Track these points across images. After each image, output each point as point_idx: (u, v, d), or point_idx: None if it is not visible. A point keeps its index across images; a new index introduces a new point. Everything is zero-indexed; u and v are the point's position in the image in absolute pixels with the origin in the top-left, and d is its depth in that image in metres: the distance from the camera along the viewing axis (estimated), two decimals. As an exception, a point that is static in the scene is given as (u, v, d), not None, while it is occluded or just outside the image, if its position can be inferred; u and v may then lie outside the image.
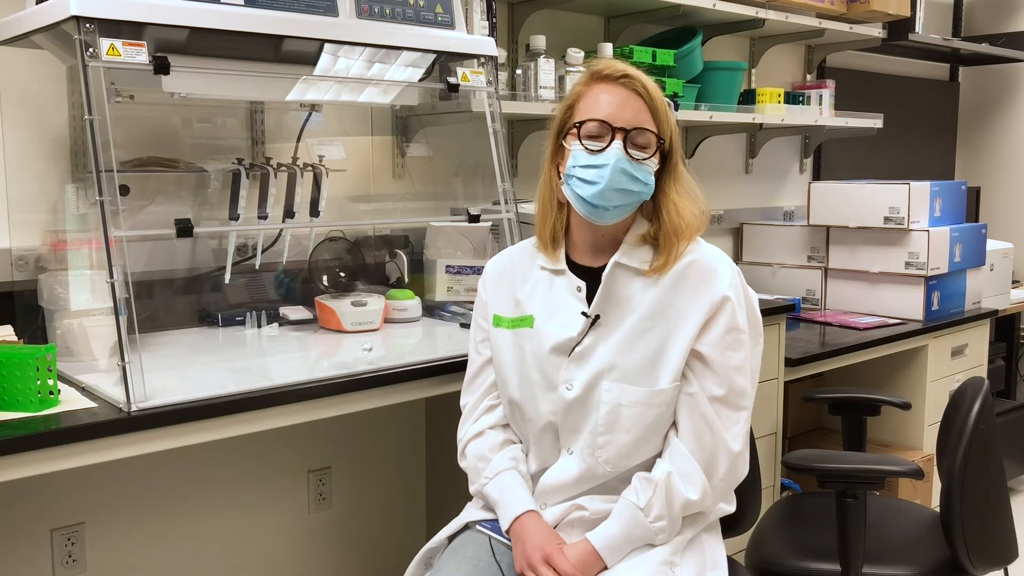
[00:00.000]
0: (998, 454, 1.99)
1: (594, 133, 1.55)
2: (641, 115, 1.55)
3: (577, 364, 1.58)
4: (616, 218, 1.58)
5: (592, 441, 1.55)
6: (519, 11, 2.84)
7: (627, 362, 1.55)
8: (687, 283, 1.57)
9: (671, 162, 1.60)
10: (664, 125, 1.57)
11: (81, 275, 1.90)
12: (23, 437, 1.45)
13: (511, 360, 1.64)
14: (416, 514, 2.73)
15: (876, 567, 1.90)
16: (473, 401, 1.73)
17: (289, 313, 2.25)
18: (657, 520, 1.52)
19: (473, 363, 1.75)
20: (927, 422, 3.00)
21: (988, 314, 3.24)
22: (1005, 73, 4.64)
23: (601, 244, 1.63)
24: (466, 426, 1.72)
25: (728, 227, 3.58)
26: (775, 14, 3.17)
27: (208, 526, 2.35)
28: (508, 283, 1.70)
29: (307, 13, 1.91)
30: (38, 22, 1.73)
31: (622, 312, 1.58)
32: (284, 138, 2.40)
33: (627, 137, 1.54)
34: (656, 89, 1.58)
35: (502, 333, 1.67)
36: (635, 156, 1.54)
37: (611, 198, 1.54)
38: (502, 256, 1.78)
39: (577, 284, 1.62)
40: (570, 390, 1.57)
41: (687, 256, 1.58)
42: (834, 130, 3.67)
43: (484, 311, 1.73)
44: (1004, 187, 4.64)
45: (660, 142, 1.56)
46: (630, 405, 1.54)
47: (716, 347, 1.55)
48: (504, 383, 1.66)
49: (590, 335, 1.58)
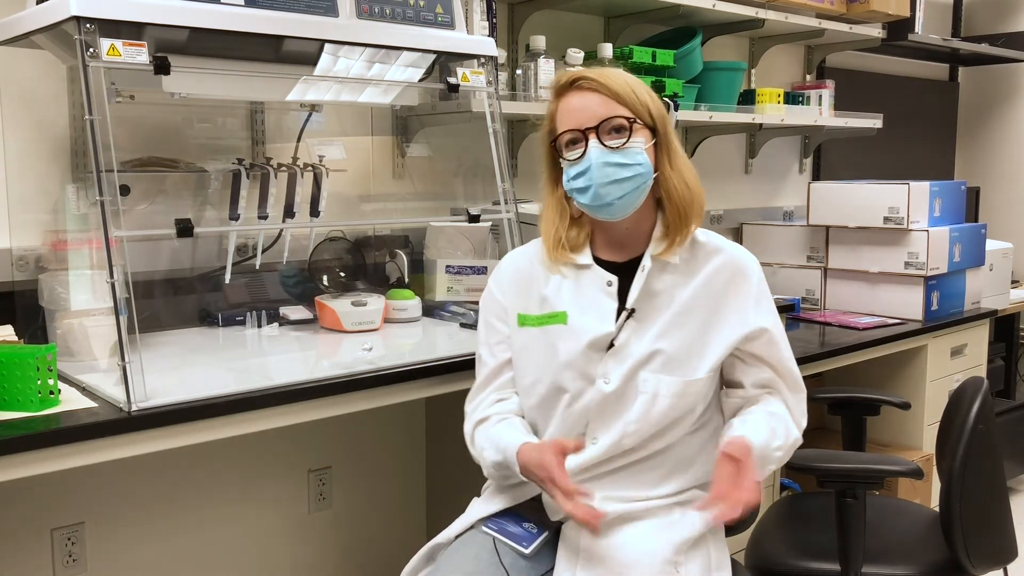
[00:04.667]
0: (998, 454, 1.99)
1: (571, 142, 1.59)
2: (604, 107, 1.57)
3: (614, 358, 1.59)
4: (627, 209, 1.59)
5: (622, 430, 1.57)
6: (519, 11, 2.84)
7: (667, 353, 1.58)
8: (719, 280, 1.63)
9: (661, 137, 1.61)
10: (634, 106, 1.58)
11: (81, 275, 1.90)
12: (23, 437, 1.45)
13: (540, 358, 1.63)
14: (416, 514, 2.73)
15: (876, 567, 1.90)
16: (480, 397, 1.71)
17: (289, 313, 2.26)
18: (778, 449, 1.58)
19: (486, 366, 1.72)
20: (927, 422, 3.00)
21: (988, 314, 3.24)
22: (1005, 73, 4.65)
23: (623, 239, 1.65)
24: (472, 417, 1.70)
25: (728, 227, 3.58)
26: (775, 14, 3.17)
27: (208, 526, 2.35)
28: (530, 281, 1.70)
29: (307, 13, 1.91)
30: (38, 22, 1.73)
31: (656, 306, 1.61)
32: (284, 138, 2.41)
33: (599, 132, 1.56)
34: (614, 77, 1.59)
35: (528, 332, 1.66)
36: (612, 145, 1.56)
37: (609, 192, 1.56)
38: (517, 255, 1.77)
39: (608, 279, 1.63)
40: (607, 384, 1.58)
41: (717, 255, 1.64)
42: (834, 130, 3.68)
43: (501, 313, 1.71)
44: (1004, 187, 4.64)
45: (632, 121, 1.57)
46: (666, 396, 1.57)
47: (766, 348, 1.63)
48: (533, 381, 1.65)
49: (625, 329, 1.59)
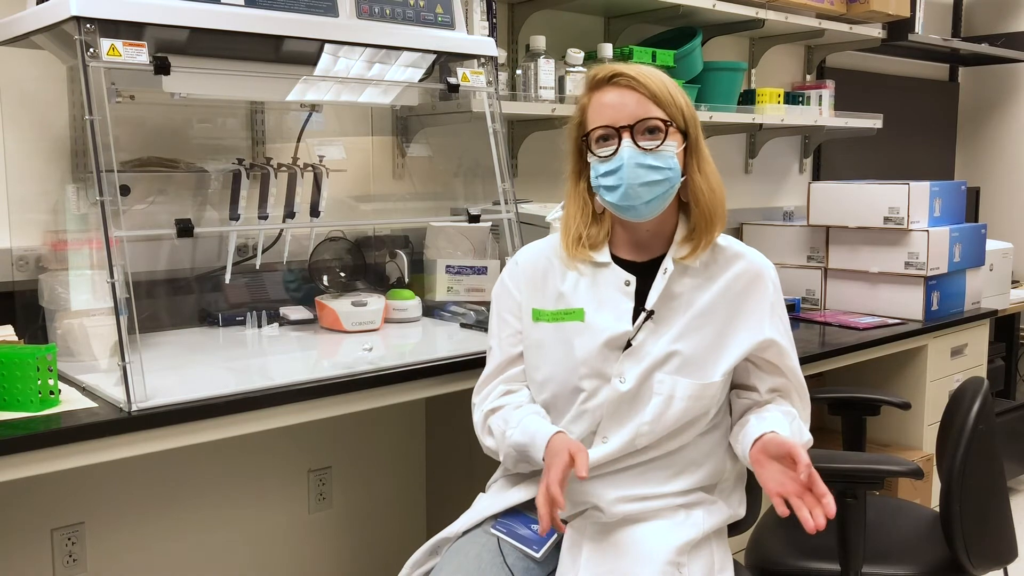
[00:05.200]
0: (998, 454, 1.99)
1: (603, 139, 1.58)
2: (640, 107, 1.56)
3: (631, 358, 1.58)
4: (655, 211, 1.59)
5: (635, 430, 1.56)
6: (519, 11, 2.84)
7: (684, 355, 1.58)
8: (738, 286, 1.63)
9: (692, 141, 1.61)
10: (670, 107, 1.58)
11: (81, 275, 1.90)
12: (23, 437, 1.45)
13: (555, 355, 1.63)
14: (416, 514, 2.73)
15: (876, 567, 1.90)
16: (487, 390, 1.70)
17: (289, 313, 2.26)
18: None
19: (495, 358, 1.71)
20: (927, 422, 3.00)
21: (988, 314, 3.24)
22: (1005, 73, 4.64)
23: (644, 240, 1.65)
24: (481, 408, 1.69)
25: (728, 227, 3.55)
26: (775, 14, 3.17)
27: (208, 526, 2.35)
28: (546, 277, 1.69)
29: (307, 13, 1.91)
30: (38, 22, 1.73)
31: (673, 307, 1.61)
32: (284, 138, 2.40)
33: (633, 132, 1.55)
34: (652, 77, 1.59)
35: (542, 327, 1.65)
36: (646, 147, 1.55)
37: (638, 194, 1.55)
38: (533, 250, 1.75)
39: (626, 278, 1.63)
40: (623, 383, 1.57)
41: (738, 261, 1.66)
42: (834, 130, 3.68)
43: (514, 307, 1.70)
44: (1004, 187, 4.64)
45: (668, 124, 1.56)
46: (682, 398, 1.56)
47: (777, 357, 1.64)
48: (546, 378, 1.64)
49: (643, 330, 1.59)
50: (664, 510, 1.58)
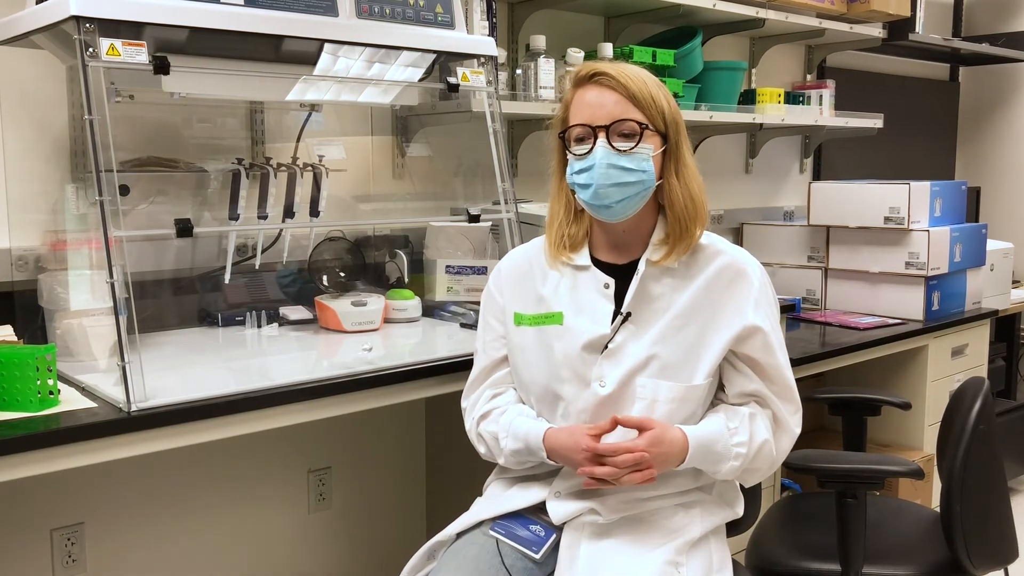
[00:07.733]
0: (998, 454, 1.98)
1: (580, 137, 1.58)
2: (618, 108, 1.55)
3: (610, 361, 1.58)
4: (626, 212, 1.58)
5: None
6: (519, 11, 2.84)
7: (664, 358, 1.57)
8: (720, 283, 1.60)
9: (671, 145, 1.59)
10: (649, 110, 1.56)
11: (81, 275, 1.90)
12: (23, 437, 1.45)
13: (537, 358, 1.63)
14: (416, 514, 2.73)
15: (876, 567, 1.90)
16: (475, 395, 1.72)
17: (289, 313, 2.25)
18: (739, 445, 1.55)
19: (480, 362, 1.73)
20: (927, 422, 3.00)
21: (988, 314, 3.23)
22: (1005, 73, 4.64)
23: (622, 241, 1.64)
24: (471, 414, 1.70)
25: (728, 227, 3.58)
26: (775, 14, 3.17)
27: (208, 526, 2.35)
28: (528, 280, 1.69)
29: (307, 13, 1.91)
30: (38, 22, 1.73)
31: (653, 309, 1.59)
32: (284, 138, 2.40)
33: (608, 132, 1.54)
34: (633, 78, 1.56)
35: (524, 331, 1.66)
36: (620, 148, 1.54)
37: (609, 194, 1.55)
38: (517, 254, 1.76)
39: (604, 281, 1.63)
40: (603, 387, 1.57)
41: (718, 257, 1.61)
42: (834, 130, 3.67)
43: (498, 312, 1.72)
44: (1004, 187, 4.63)
45: (643, 126, 1.55)
46: (665, 401, 1.56)
47: (761, 351, 1.59)
48: (530, 381, 1.65)
49: (621, 332, 1.59)
50: (662, 510, 1.58)
